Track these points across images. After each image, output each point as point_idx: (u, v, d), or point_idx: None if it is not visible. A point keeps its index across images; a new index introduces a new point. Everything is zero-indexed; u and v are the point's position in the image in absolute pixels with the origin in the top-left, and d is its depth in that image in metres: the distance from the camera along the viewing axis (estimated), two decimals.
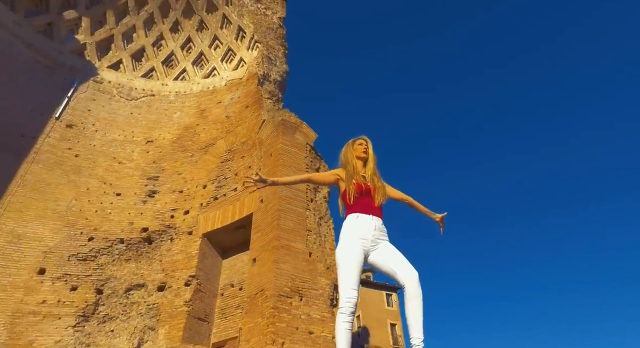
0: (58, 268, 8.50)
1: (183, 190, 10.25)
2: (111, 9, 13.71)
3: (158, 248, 9.28)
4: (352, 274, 2.65)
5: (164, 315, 8.14)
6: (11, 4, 11.73)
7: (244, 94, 12.32)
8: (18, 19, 11.69)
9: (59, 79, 11.49)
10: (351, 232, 2.80)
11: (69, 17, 12.82)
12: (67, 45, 12.42)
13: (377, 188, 2.97)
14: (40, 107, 10.66)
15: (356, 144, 3.19)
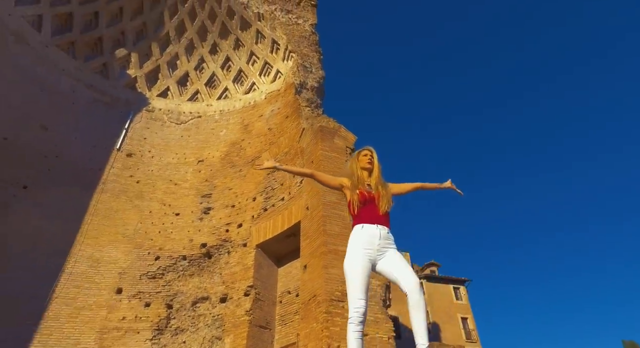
0: (132, 287, 9.32)
1: (235, 205, 10.76)
2: (155, 41, 14.71)
3: (217, 262, 9.83)
4: (359, 284, 2.73)
5: (228, 325, 8.62)
6: (72, 53, 13.01)
7: (283, 104, 12.65)
8: (79, 64, 12.95)
9: (116, 113, 12.56)
10: (356, 243, 2.88)
11: (120, 55, 13.96)
12: (121, 81, 13.54)
13: (382, 196, 3.02)
14: (103, 140, 11.73)
15: (361, 155, 3.27)
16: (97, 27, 13.65)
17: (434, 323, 22.38)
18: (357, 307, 2.65)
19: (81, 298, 8.97)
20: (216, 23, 14.92)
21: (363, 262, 2.80)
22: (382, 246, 2.86)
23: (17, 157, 9.99)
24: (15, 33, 11.48)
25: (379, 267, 2.87)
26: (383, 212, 2.99)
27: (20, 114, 10.57)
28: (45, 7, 12.42)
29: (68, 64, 12.47)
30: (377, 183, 3.13)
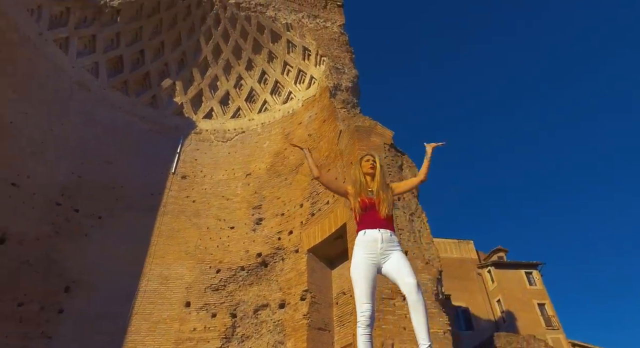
0: (199, 300, 10.02)
1: (284, 213, 11.16)
2: (195, 67, 15.61)
3: (273, 269, 10.27)
4: (363, 289, 2.84)
5: (289, 330, 8.99)
6: (125, 91, 14.23)
7: (320, 109, 12.89)
8: (132, 100, 14.14)
9: (168, 139, 13.53)
10: (359, 249, 2.99)
11: (166, 85, 15.01)
12: (169, 109, 14.56)
13: (382, 200, 3.10)
14: (160, 166, 12.70)
15: (364, 161, 3.38)
16: (144, 63, 14.79)
17: (508, 312, 21.36)
18: (362, 311, 2.78)
19: (156, 313, 9.83)
20: (248, 40, 15.52)
21: (366, 267, 2.91)
22: (385, 249, 2.95)
23: (90, 191, 11.15)
24: (78, 82, 12.80)
25: (384, 270, 2.97)
26: (384, 216, 3.08)
27: (89, 153, 11.78)
28: (100, 55, 13.71)
29: (123, 102, 13.65)
30: (379, 187, 3.22)
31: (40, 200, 10.05)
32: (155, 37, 15.03)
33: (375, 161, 3.35)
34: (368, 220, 3.07)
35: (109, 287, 9.76)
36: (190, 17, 15.49)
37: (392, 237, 3.03)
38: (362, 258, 2.93)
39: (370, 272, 2.89)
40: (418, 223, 8.67)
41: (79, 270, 9.74)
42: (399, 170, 9.63)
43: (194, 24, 15.57)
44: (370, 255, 2.92)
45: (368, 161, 3.35)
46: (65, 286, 9.52)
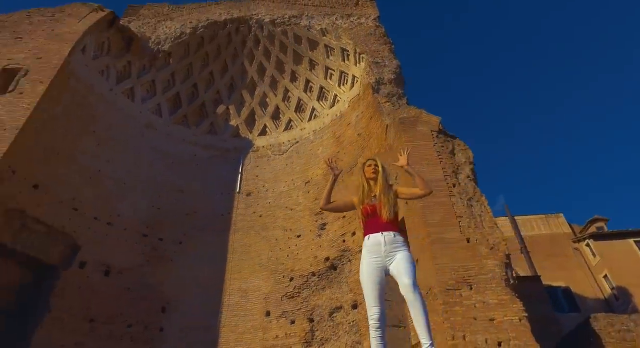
0: (277, 309, 10.55)
1: (345, 215, 11.31)
2: (244, 89, 16.47)
3: (342, 272, 10.47)
4: (371, 293, 2.93)
5: (364, 329, 9.10)
6: (186, 124, 15.49)
7: (365, 107, 12.89)
8: (193, 131, 15.34)
9: (230, 161, 14.44)
10: (366, 254, 3.08)
11: (221, 111, 16.04)
12: (227, 133, 15.52)
13: (384, 204, 3.15)
14: (225, 188, 13.61)
15: (366, 166, 3.45)
16: (199, 95, 15.97)
17: (620, 289, 19.09)
18: (371, 315, 2.88)
19: (241, 324, 10.54)
20: (288, 53, 16.01)
21: (372, 270, 2.99)
22: (389, 251, 3.01)
23: (169, 220, 12.32)
24: (146, 124, 14.22)
25: (391, 272, 3.02)
26: (386, 219, 3.13)
27: (163, 185, 13.02)
28: (160, 97, 15.09)
29: (185, 134, 14.87)
30: (381, 191, 3.28)
31: (131, 235, 11.34)
32: (205, 70, 16.15)
33: (378, 165, 3.41)
34: (372, 225, 3.15)
35: (197, 304, 10.70)
36: (232, 44, 16.42)
37: (396, 238, 3.08)
38: (368, 262, 3.03)
39: (377, 276, 2.97)
40: (478, 208, 8.32)
41: (170, 291, 10.83)
42: (451, 156, 9.31)
43: (236, 50, 16.47)
44: (376, 259, 3.00)
45: (370, 166, 3.43)
46: (162, 307, 10.65)
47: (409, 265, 2.97)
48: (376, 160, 3.52)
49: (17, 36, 12.98)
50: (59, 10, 13.87)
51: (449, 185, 8.65)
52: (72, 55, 12.17)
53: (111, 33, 13.73)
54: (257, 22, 16.16)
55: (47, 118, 10.68)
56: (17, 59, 11.98)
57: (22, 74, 11.48)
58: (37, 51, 12.16)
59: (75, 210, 10.28)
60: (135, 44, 14.54)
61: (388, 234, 3.10)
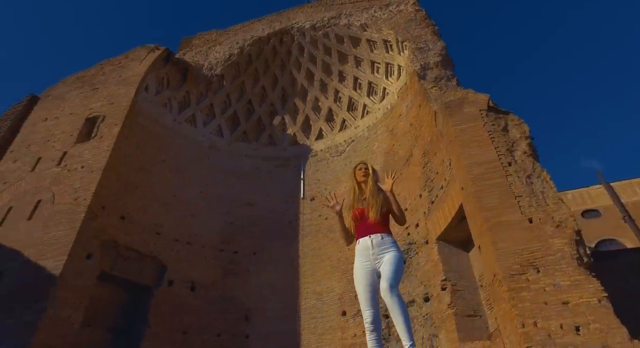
0: (352, 308, 10.75)
1: (407, 207, 11.16)
2: (296, 97, 16.95)
3: (411, 265, 10.34)
4: (363, 296, 2.98)
5: (438, 321, 8.92)
6: (246, 139, 16.38)
7: (413, 95, 12.59)
8: (253, 145, 16.19)
9: (291, 169, 14.98)
10: (356, 258, 3.15)
11: (277, 122, 16.69)
12: (285, 143, 16.11)
13: (371, 206, 3.19)
14: (291, 195, 14.15)
15: (357, 170, 3.51)
16: (254, 111, 16.79)
17: None
18: (365, 318, 2.94)
19: (319, 326, 10.91)
20: (333, 54, 16.17)
21: (363, 274, 3.06)
22: (377, 253, 3.05)
23: (242, 233, 13.16)
24: (210, 146, 15.34)
25: (379, 273, 3.05)
26: (373, 221, 3.16)
27: (232, 201, 13.93)
28: (219, 118, 16.16)
29: (246, 149, 15.74)
30: (370, 194, 3.33)
31: (209, 251, 12.34)
32: (256, 85, 16.93)
33: (368, 168, 3.46)
34: (361, 228, 3.21)
35: (276, 309, 11.31)
36: (277, 55, 17.01)
37: (384, 240, 3.10)
38: (358, 266, 3.10)
39: (368, 279, 3.03)
40: (539, 185, 7.74)
41: (250, 300, 11.58)
42: (504, 133, 8.77)
43: (282, 60, 17.02)
44: (365, 262, 3.07)
45: (360, 169, 3.49)
46: (244, 315, 11.44)
47: (391, 267, 2.98)
48: (366, 163, 3.57)
49: (94, 87, 14.79)
50: (124, 57, 15.53)
51: (503, 164, 8.17)
52: (137, 95, 13.56)
53: (168, 68, 15.03)
54: (298, 30, 16.55)
55: (123, 155, 12.04)
56: (95, 108, 13.67)
57: (100, 120, 13.08)
58: (109, 97, 13.76)
59: (158, 234, 11.47)
60: (191, 73, 15.74)
61: (375, 236, 3.14)
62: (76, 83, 15.40)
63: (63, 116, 14.05)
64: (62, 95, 15.12)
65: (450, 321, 8.52)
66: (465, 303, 8.74)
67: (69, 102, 14.53)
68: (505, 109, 9.59)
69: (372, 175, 3.44)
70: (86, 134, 12.88)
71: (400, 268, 3.05)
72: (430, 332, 9.08)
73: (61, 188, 11.35)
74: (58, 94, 15.36)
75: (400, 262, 3.08)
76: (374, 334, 2.95)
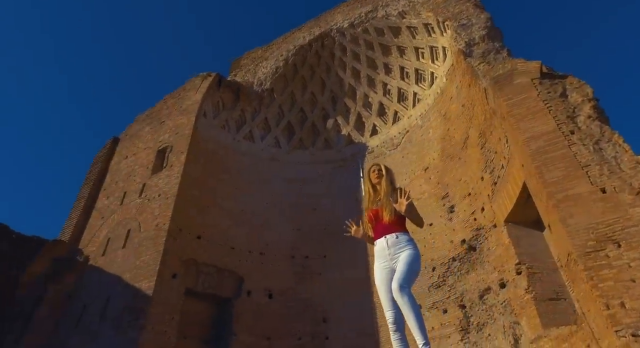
0: (427, 300, 10.52)
1: (470, 192, 10.71)
2: (346, 97, 17.01)
3: (481, 251, 9.89)
4: (383, 296, 2.99)
5: (517, 308, 8.42)
6: (303, 146, 16.77)
7: (461, 75, 12.06)
8: (311, 151, 16.55)
9: (350, 169, 15.08)
10: (375, 259, 3.16)
11: (330, 125, 16.90)
12: (341, 144, 16.25)
13: (384, 207, 3.18)
14: (352, 195, 14.22)
15: (370, 172, 3.51)
16: (307, 117, 17.17)
17: None
18: (388, 318, 2.95)
19: None
20: (375, 48, 16.01)
21: (382, 275, 3.07)
22: (393, 253, 3.05)
23: (310, 238, 13.53)
24: (269, 158, 15.98)
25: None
26: (388, 221, 3.15)
27: (297, 208, 14.37)
28: (275, 130, 16.78)
29: (305, 156, 16.15)
30: (383, 195, 3.31)
31: (281, 259, 12.86)
32: (305, 92, 17.30)
33: (382, 169, 3.45)
34: (377, 229, 3.23)
35: (351, 309, 11.45)
36: (321, 59, 17.23)
37: (399, 239, 3.09)
38: (377, 267, 3.13)
39: (387, 279, 3.04)
40: (610, 150, 7.02)
41: (326, 302, 11.86)
42: (562, 99, 8.08)
43: (327, 64, 17.21)
44: (383, 263, 3.08)
45: (374, 171, 3.49)
46: (322, 317, 11.74)
47: (403, 266, 2.96)
48: (379, 164, 3.56)
49: (161, 121, 16.17)
50: (181, 89, 16.78)
51: (564, 133, 7.53)
52: (197, 121, 14.58)
53: (221, 91, 15.96)
54: (338, 31, 16.63)
55: (192, 179, 13.02)
56: (164, 140, 14.95)
57: (169, 151, 14.27)
58: (174, 128, 14.96)
59: (232, 248, 12.22)
60: (242, 92, 16.55)
61: (390, 237, 3.13)
62: (146, 120, 16.95)
63: (139, 151, 15.54)
64: (137, 132, 16.73)
65: (530, 306, 8.02)
66: (545, 286, 8.17)
67: (143, 138, 16.05)
68: (563, 73, 8.84)
69: (385, 176, 3.43)
70: (159, 165, 14.13)
71: (413, 267, 3.02)
72: (511, 319, 8.61)
73: (144, 217, 12.59)
74: (133, 132, 17.03)
75: (415, 259, 3.04)
76: (397, 334, 2.96)
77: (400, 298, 2.85)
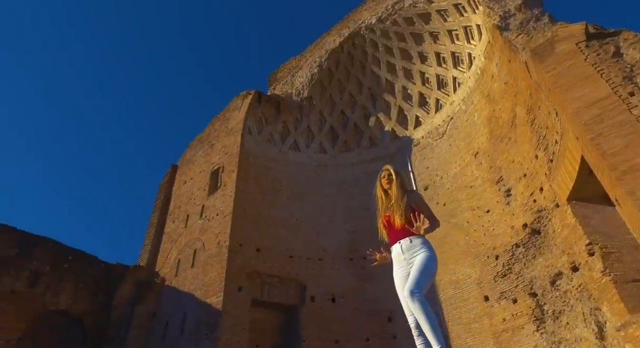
0: (494, 291, 10.06)
1: (525, 173, 10.11)
2: (385, 92, 16.79)
3: (546, 234, 9.28)
4: (403, 302, 2.91)
5: (595, 292, 7.77)
6: (349, 148, 16.80)
7: (500, 51, 11.45)
8: (357, 151, 16.53)
9: (398, 164, 14.79)
10: (393, 265, 3.09)
11: (372, 123, 16.76)
12: (386, 140, 16.05)
13: (395, 212, 3.10)
14: None
15: (381, 178, 3.43)
16: (348, 119, 17.18)
17: None
18: (410, 323, 2.89)
19: (464, 315, 10.45)
20: (407, 38, 15.68)
21: (401, 281, 3.02)
22: (408, 258, 2.99)
23: (366, 238, 13.41)
24: (317, 165, 16.19)
25: None
26: (399, 226, 3.07)
27: (350, 210, 14.38)
28: (318, 136, 16.93)
29: (351, 157, 16.17)
30: (394, 199, 3.22)
31: (339, 262, 12.94)
32: (343, 94, 17.33)
33: (391, 174, 3.36)
34: (391, 235, 3.17)
35: None
36: (354, 59, 17.18)
37: (413, 243, 3.02)
38: (395, 274, 3.08)
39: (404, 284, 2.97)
40: None
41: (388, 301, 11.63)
42: (616, 59, 7.40)
43: (361, 62, 17.12)
44: (400, 269, 3.04)
45: (384, 177, 3.40)
46: (387, 316, 11.63)
47: (415, 272, 2.88)
48: (389, 169, 3.44)
49: (211, 144, 16.97)
50: (226, 110, 17.50)
51: (622, 97, 6.89)
52: (243, 139, 15.13)
53: (262, 107, 16.44)
54: (367, 28, 16.50)
55: (245, 195, 13.52)
56: (215, 161, 15.67)
57: (221, 171, 14.94)
58: (223, 149, 15.64)
59: (291, 257, 12.50)
60: (282, 104, 16.92)
61: (404, 241, 3.07)
62: (198, 145, 17.88)
63: (195, 175, 16.42)
64: (192, 158, 17.70)
65: (610, 290, 7.37)
66: (626, 266, 7.48)
67: (197, 162, 16.94)
68: (615, 29, 8.12)
69: (395, 180, 3.34)
70: (214, 186, 14.84)
71: (428, 270, 2.92)
72: (590, 305, 7.97)
73: (207, 236, 13.27)
74: (189, 157, 18.03)
75: (429, 262, 2.95)
76: (420, 338, 2.90)
77: (412, 303, 2.78)
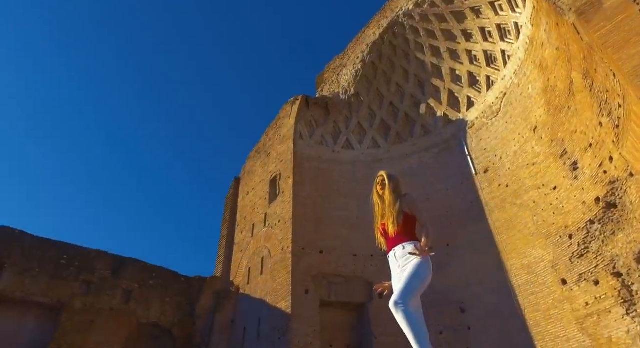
0: (571, 273, 9.33)
1: (591, 143, 9.27)
2: (432, 77, 16.25)
3: (623, 207, 8.42)
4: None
5: None
6: (401, 138, 16.52)
7: (546, 16, 10.61)
8: (412, 141, 16.19)
9: (454, 150, 14.33)
10: (392, 272, 3.06)
11: (423, 110, 16.31)
12: (439, 126, 15.55)
13: (388, 219, 3.06)
14: (463, 176, 13.47)
15: (376, 184, 3.40)
16: (398, 109, 16.89)
17: None
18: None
19: (541, 302, 9.81)
20: (448, 19, 15.09)
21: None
22: (402, 265, 2.96)
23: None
24: (372, 160, 16.12)
25: None
26: (393, 233, 3.03)
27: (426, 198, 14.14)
28: (370, 130, 16.88)
29: (405, 148, 15.89)
30: (387, 205, 3.17)
31: None
32: (390, 85, 17.08)
33: (385, 179, 3.32)
34: (388, 243, 3.15)
35: (487, 294, 10.75)
36: (397, 48, 16.86)
37: (405, 250, 2.98)
38: (392, 280, 3.06)
39: None
40: None
41: (459, 292, 11.37)
42: None
43: (403, 50, 16.75)
44: (396, 276, 3.02)
45: (379, 183, 3.37)
46: (459, 308, 11.27)
47: (401, 282, 2.83)
48: (383, 174, 3.39)
49: (267, 153, 17.68)
50: (277, 119, 18.12)
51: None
52: (296, 144, 15.57)
53: (310, 110, 16.77)
54: (405, 15, 16.13)
55: (303, 199, 13.91)
56: (272, 169, 16.31)
57: (278, 178, 15.51)
58: (279, 156, 16.22)
59: (355, 256, 12.63)
60: (330, 104, 17.12)
61: (398, 248, 3.02)
62: (256, 156, 18.71)
63: (256, 185, 17.22)
64: (252, 169, 18.58)
65: None
66: None
67: (257, 172, 17.75)
68: None
69: (388, 185, 3.29)
70: (273, 193, 15.45)
71: (417, 276, 2.84)
72: None
73: (272, 243, 13.88)
74: (249, 169, 18.95)
75: (419, 268, 2.85)
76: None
77: (395, 314, 2.75)
